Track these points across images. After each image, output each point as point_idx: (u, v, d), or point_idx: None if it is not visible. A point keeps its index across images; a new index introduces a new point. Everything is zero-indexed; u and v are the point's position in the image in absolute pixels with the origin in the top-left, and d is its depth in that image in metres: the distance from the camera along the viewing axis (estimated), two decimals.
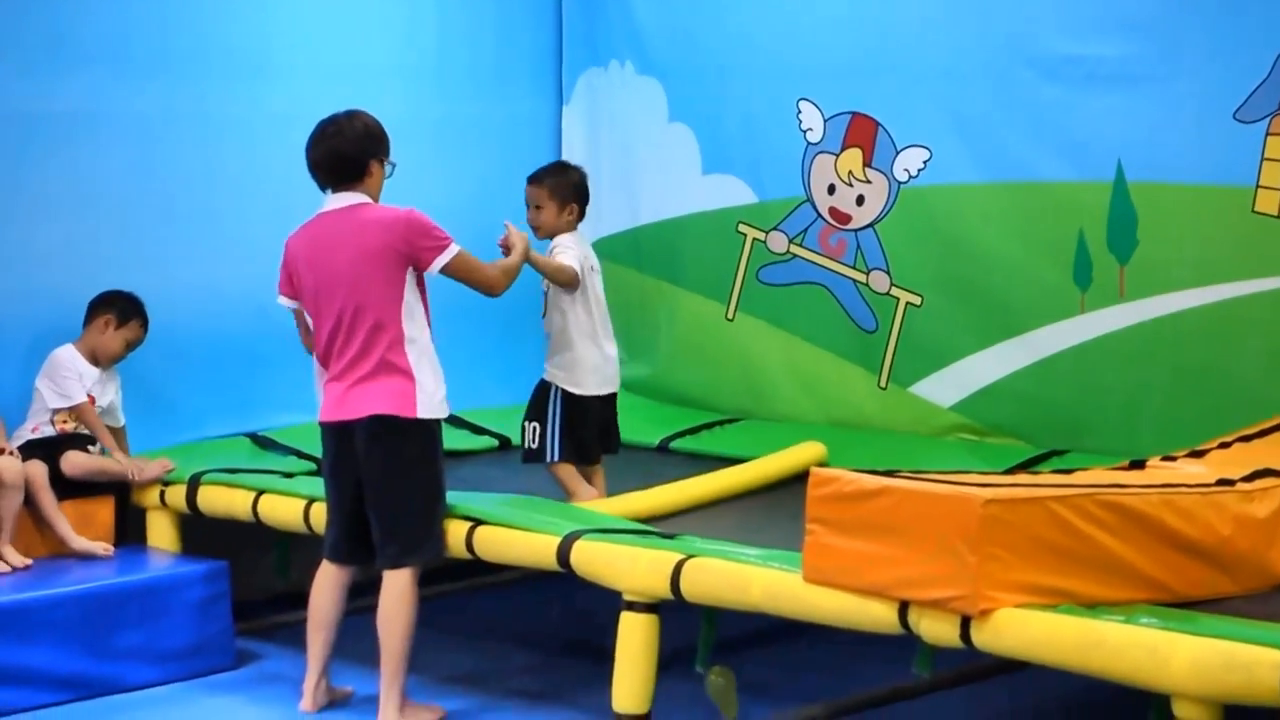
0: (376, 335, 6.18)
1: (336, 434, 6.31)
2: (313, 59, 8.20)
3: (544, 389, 6.90)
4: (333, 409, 6.30)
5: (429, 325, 6.32)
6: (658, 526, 6.54)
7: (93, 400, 7.25)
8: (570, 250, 6.80)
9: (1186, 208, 7.18)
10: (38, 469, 6.97)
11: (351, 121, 6.33)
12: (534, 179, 6.93)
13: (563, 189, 6.90)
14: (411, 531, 6.28)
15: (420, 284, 6.28)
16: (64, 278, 7.32)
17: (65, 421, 7.17)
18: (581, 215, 6.97)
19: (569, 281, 6.74)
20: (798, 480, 7.14)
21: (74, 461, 7.05)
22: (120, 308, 7.32)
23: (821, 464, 7.35)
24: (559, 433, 6.85)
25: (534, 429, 6.89)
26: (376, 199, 6.35)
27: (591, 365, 6.86)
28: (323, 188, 6.36)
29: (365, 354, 6.20)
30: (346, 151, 6.28)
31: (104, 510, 7.21)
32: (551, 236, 6.89)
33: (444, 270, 6.22)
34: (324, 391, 6.36)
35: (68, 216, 7.50)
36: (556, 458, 6.86)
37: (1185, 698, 4.70)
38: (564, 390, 6.85)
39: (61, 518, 7.01)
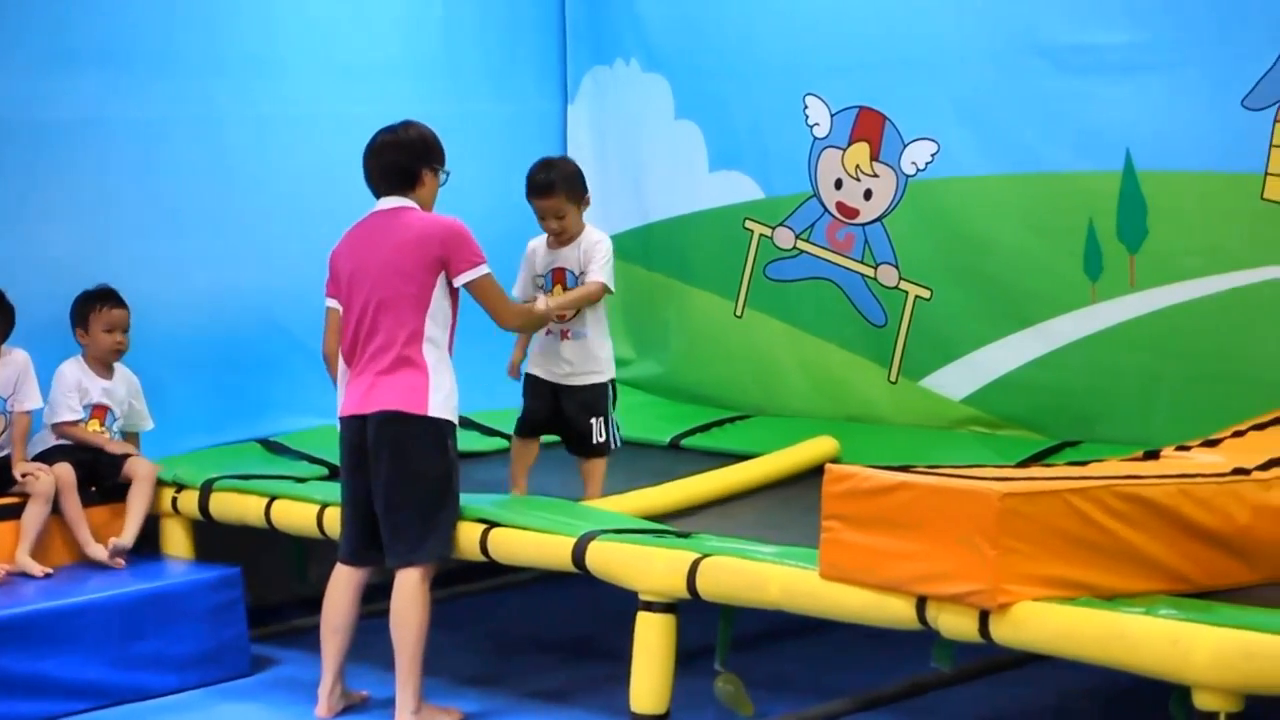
0: (397, 330, 6.23)
1: (353, 429, 6.34)
2: (319, 58, 8.21)
3: (601, 388, 6.92)
4: (350, 404, 6.35)
5: (453, 336, 6.37)
6: (671, 524, 6.53)
7: (103, 410, 7.24)
8: (609, 259, 6.85)
9: (1196, 196, 7.17)
10: (65, 472, 6.98)
11: (406, 131, 6.44)
12: (545, 190, 6.82)
13: (575, 186, 6.89)
14: (418, 528, 6.28)
15: (454, 293, 6.34)
16: (73, 283, 7.29)
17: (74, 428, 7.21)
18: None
19: (603, 295, 6.86)
20: (811, 475, 7.17)
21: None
22: (78, 311, 7.27)
23: (834, 459, 7.36)
24: (616, 422, 7.02)
25: (600, 424, 6.93)
26: (429, 207, 6.44)
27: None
28: (376, 195, 6.43)
29: (385, 349, 6.25)
30: (400, 160, 6.38)
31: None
32: (576, 236, 6.88)
33: (466, 286, 6.30)
34: (347, 388, 6.38)
35: (76, 221, 7.50)
36: (618, 445, 7.02)
37: (1207, 688, 4.69)
38: (613, 381, 7.00)
39: (83, 523, 7.02)
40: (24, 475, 6.92)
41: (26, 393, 7.09)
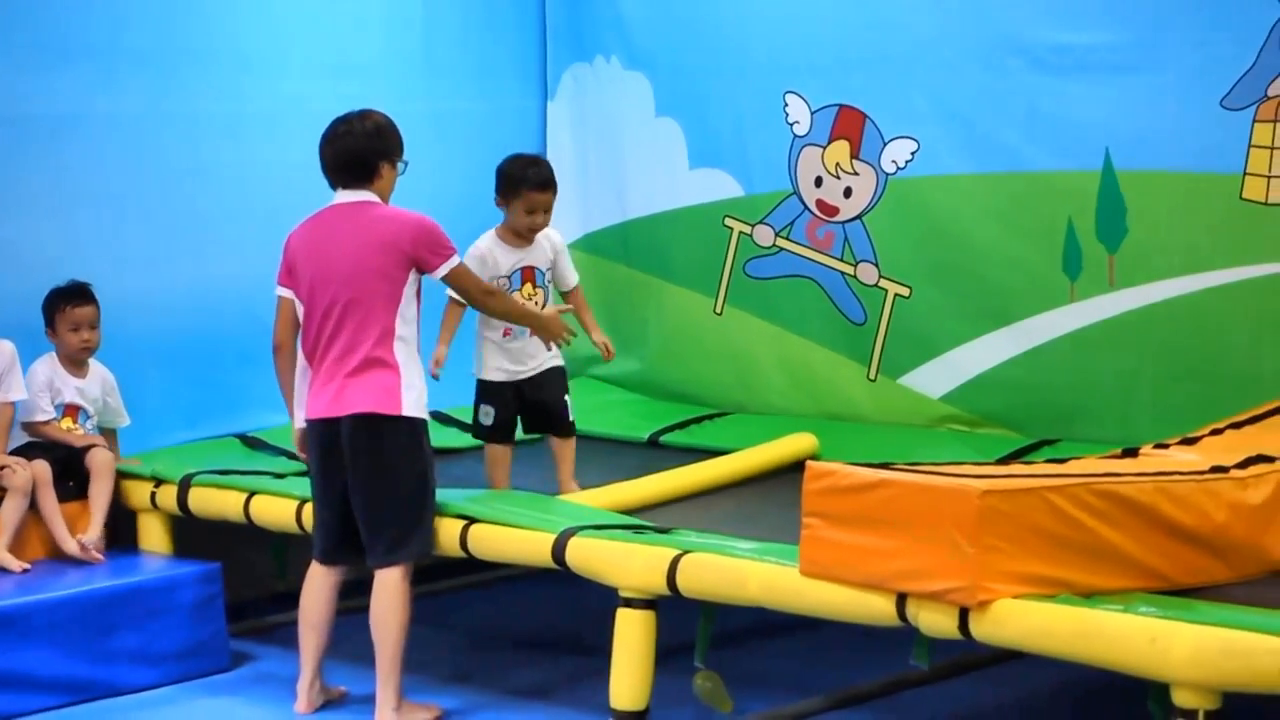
0: (366, 329, 6.19)
1: (323, 431, 6.29)
2: (300, 55, 8.21)
3: (562, 369, 7.13)
4: (319, 406, 6.29)
5: (418, 330, 6.34)
6: (649, 518, 6.54)
7: (75, 409, 7.23)
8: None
9: (1175, 195, 7.18)
10: (42, 469, 6.97)
11: (363, 121, 6.36)
12: (549, 185, 6.97)
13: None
14: (399, 528, 6.27)
15: (418, 288, 6.29)
16: (50, 279, 7.27)
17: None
18: None
19: None
20: (790, 471, 7.18)
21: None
22: (45, 310, 7.25)
23: (812, 455, 7.37)
24: None
25: (569, 402, 7.12)
26: (386, 199, 6.37)
27: None
28: (333, 186, 6.38)
29: (353, 348, 6.20)
30: (357, 151, 6.30)
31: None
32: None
33: (445, 277, 6.28)
34: (310, 389, 6.33)
35: (56, 216, 7.50)
36: None
37: (1185, 685, 4.72)
38: None
39: (59, 519, 7.00)
40: (1, 468, 6.91)
41: (10, 384, 7.08)
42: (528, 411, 7.07)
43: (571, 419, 7.09)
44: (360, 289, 6.19)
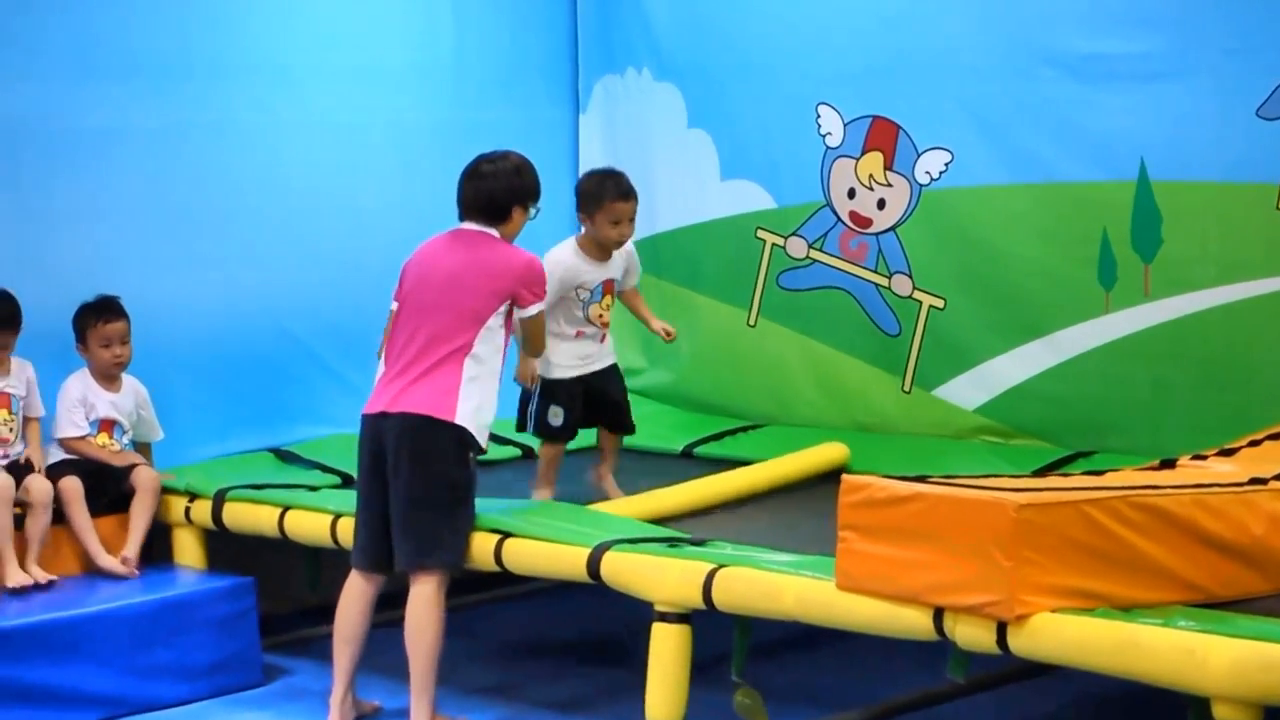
0: (442, 341, 6.29)
1: (376, 427, 6.34)
2: (332, 66, 8.22)
3: (617, 366, 7.31)
4: (378, 401, 6.37)
5: (503, 361, 6.43)
6: (682, 528, 6.53)
7: (111, 424, 7.24)
8: None
9: (1210, 206, 7.16)
10: (73, 484, 6.97)
11: (503, 162, 6.51)
12: (629, 194, 7.11)
13: None
14: (428, 533, 6.28)
15: (509, 320, 6.40)
16: (87, 291, 7.29)
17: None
18: None
19: None
20: (821, 481, 7.18)
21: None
22: (76, 326, 7.27)
23: (843, 464, 7.37)
24: None
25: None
26: (511, 241, 6.50)
27: None
28: (461, 219, 6.49)
29: (427, 353, 6.30)
30: (494, 194, 6.45)
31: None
32: None
33: (526, 319, 6.43)
34: (376, 386, 6.42)
35: (88, 229, 7.52)
36: None
37: (1225, 699, 4.68)
38: None
39: (92, 534, 7.01)
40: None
41: (32, 402, 7.10)
42: (590, 407, 7.13)
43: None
44: (450, 301, 6.30)
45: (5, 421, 7.00)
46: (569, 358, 7.06)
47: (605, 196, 6.99)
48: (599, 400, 7.15)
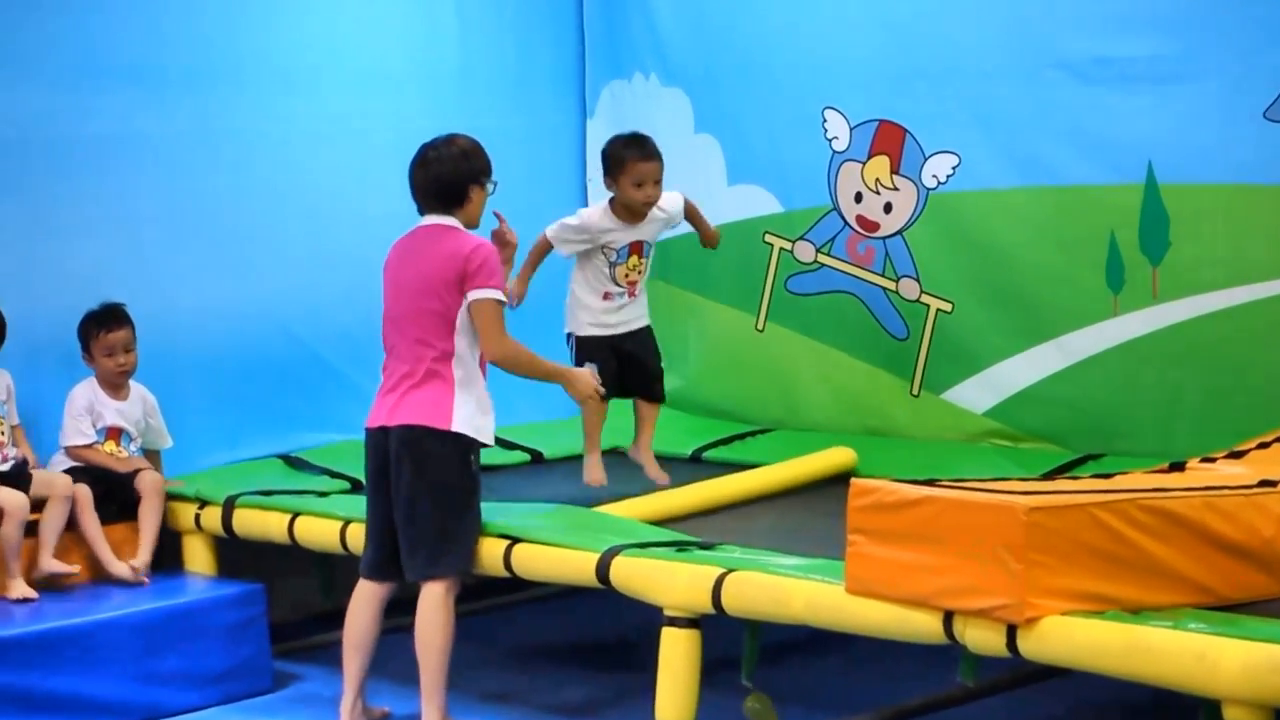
0: (426, 347, 6.27)
1: (378, 440, 6.36)
2: (338, 73, 8.26)
3: (650, 328, 7.37)
4: (378, 416, 6.37)
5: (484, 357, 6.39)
6: (689, 530, 6.53)
7: (118, 432, 7.25)
8: None
9: (1218, 208, 7.14)
10: (83, 491, 6.99)
11: (450, 146, 6.42)
12: (652, 154, 7.13)
13: None
14: (437, 541, 6.28)
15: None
16: (95, 298, 7.30)
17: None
18: None
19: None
20: (828, 485, 7.18)
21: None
22: (80, 335, 7.27)
23: (850, 469, 7.36)
24: None
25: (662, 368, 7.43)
26: (475, 222, 6.44)
27: None
28: (421, 212, 6.44)
29: (415, 364, 6.28)
30: (445, 177, 6.37)
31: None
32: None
33: (471, 303, 6.25)
34: (375, 399, 6.42)
35: (97, 237, 7.55)
36: None
37: (1236, 702, 4.66)
38: None
39: (102, 541, 7.02)
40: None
41: (11, 409, 7.14)
42: (623, 372, 7.19)
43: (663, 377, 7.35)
44: (421, 308, 6.28)
45: None
46: (596, 316, 7.14)
47: (628, 159, 7.05)
48: (629, 365, 7.20)
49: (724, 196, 8.73)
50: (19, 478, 6.89)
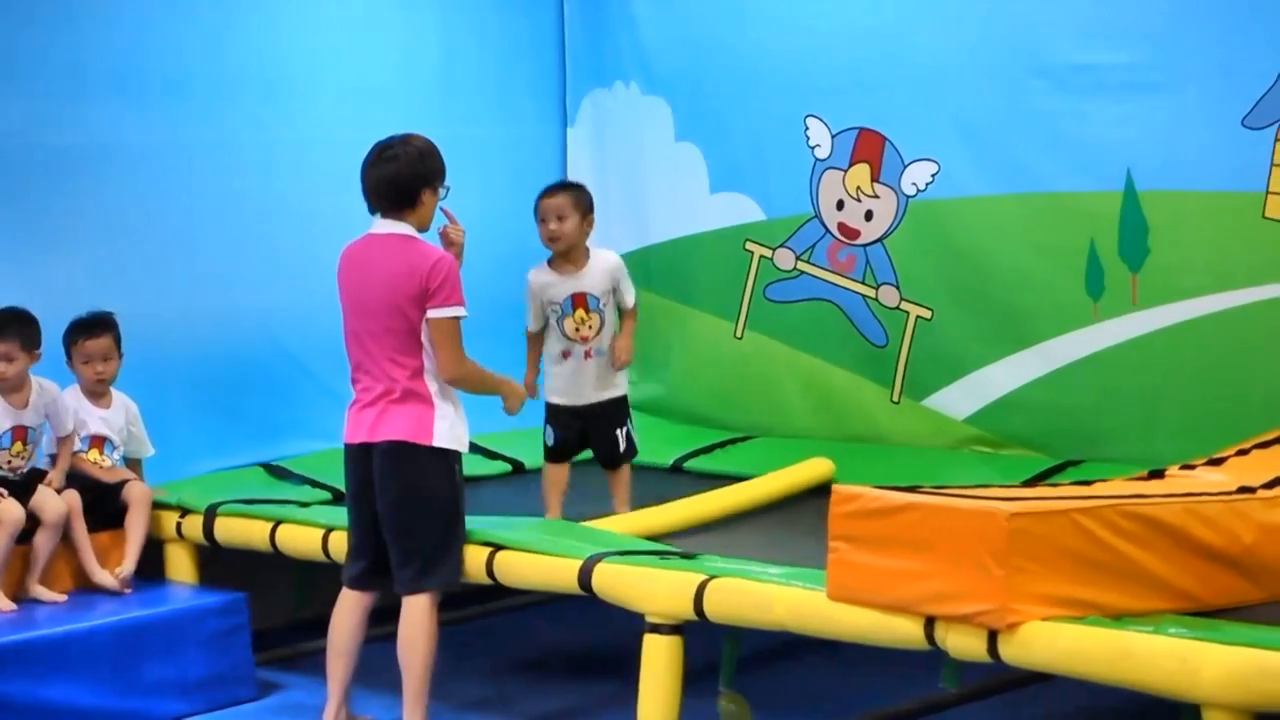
0: (400, 363, 6.22)
1: (358, 456, 6.33)
2: (323, 83, 8.26)
3: (622, 399, 7.15)
4: (355, 431, 6.33)
5: None
6: (671, 544, 6.53)
7: (101, 440, 7.25)
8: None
9: (1197, 215, 7.18)
10: (72, 498, 6.98)
11: (405, 147, 6.32)
12: (554, 191, 7.03)
13: (584, 200, 7.03)
14: (426, 556, 6.28)
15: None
16: (80, 307, 7.28)
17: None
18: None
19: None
20: (808, 497, 7.19)
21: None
22: (64, 343, 7.25)
23: (828, 479, 7.36)
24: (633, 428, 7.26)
25: (624, 434, 7.15)
26: (427, 225, 6.36)
27: None
28: (371, 211, 6.36)
29: (391, 383, 6.23)
30: (398, 178, 6.27)
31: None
32: (571, 247, 6.97)
33: (430, 320, 6.19)
34: (350, 413, 6.37)
35: (84, 246, 7.54)
36: (636, 450, 7.25)
37: (1216, 707, 4.69)
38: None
39: (88, 550, 7.01)
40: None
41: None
42: (584, 440, 7.14)
43: (623, 450, 7.14)
44: (387, 326, 6.21)
45: None
46: (559, 381, 7.06)
47: (538, 201, 7.02)
48: (589, 436, 7.13)
49: (706, 204, 8.76)
50: (26, 490, 6.89)
